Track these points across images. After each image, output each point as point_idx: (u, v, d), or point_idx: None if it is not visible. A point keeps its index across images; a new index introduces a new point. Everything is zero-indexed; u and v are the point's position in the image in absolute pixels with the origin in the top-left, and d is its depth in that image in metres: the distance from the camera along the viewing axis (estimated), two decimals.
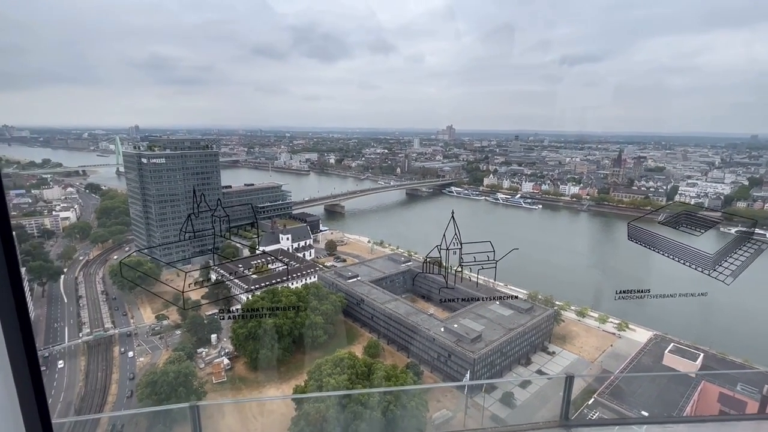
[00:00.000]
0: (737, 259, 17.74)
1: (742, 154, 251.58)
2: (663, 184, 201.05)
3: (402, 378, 58.54)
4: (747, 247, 18.33)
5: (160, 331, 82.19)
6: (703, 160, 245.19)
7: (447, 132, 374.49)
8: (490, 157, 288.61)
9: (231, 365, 72.00)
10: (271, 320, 71.59)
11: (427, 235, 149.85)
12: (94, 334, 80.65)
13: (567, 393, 8.20)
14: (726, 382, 57.73)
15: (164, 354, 74.85)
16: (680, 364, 62.34)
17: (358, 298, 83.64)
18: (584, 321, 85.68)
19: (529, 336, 74.34)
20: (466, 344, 66.55)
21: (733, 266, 17.34)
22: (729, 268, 17.28)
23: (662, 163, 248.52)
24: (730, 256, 17.86)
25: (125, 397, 66.51)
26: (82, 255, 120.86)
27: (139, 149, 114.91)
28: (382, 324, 79.03)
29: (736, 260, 17.70)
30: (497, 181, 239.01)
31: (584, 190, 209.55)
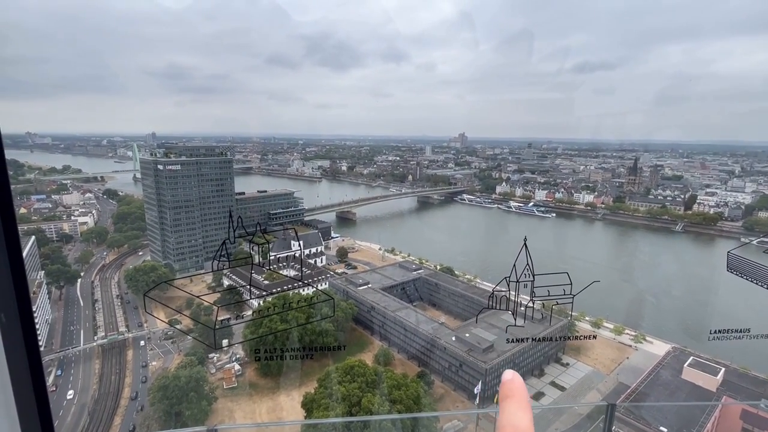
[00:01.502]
0: None
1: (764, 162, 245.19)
2: (681, 193, 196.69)
3: (412, 387, 57.86)
4: None
5: (172, 336, 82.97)
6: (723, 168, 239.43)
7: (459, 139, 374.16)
8: (503, 165, 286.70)
9: (242, 371, 72.16)
10: (282, 326, 71.68)
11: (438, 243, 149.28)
12: (109, 338, 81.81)
13: (608, 422, 7.24)
14: (749, 398, 55.68)
15: (176, 358, 75.46)
16: (700, 378, 60.41)
17: (368, 305, 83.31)
18: (599, 332, 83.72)
19: (543, 347, 72.97)
20: (477, 354, 65.58)
21: None
22: None
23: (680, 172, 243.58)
24: None
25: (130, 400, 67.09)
26: (98, 259, 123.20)
27: (155, 156, 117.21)
28: (393, 332, 78.47)
29: None
30: (510, 189, 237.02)
31: (599, 198, 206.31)
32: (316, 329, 73.68)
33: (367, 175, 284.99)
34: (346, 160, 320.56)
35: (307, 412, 58.09)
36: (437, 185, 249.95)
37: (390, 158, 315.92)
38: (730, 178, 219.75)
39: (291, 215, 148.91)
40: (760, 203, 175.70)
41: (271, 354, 70.70)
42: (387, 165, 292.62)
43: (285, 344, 71.27)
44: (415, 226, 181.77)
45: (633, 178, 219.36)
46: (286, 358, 70.67)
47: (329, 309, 77.82)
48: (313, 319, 75.09)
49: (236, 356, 75.61)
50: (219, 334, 78.91)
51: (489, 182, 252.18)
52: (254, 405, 65.75)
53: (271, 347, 71.37)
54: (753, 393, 59.36)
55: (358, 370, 59.51)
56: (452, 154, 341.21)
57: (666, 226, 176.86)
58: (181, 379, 60.76)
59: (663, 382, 61.80)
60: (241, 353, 76.08)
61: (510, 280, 23.24)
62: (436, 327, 74.51)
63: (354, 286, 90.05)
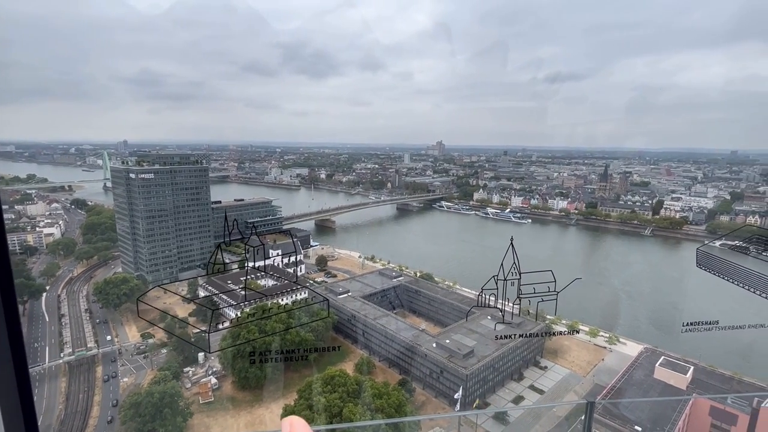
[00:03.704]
0: None
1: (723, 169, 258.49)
2: (648, 198, 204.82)
3: (394, 396, 57.61)
4: None
5: (145, 350, 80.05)
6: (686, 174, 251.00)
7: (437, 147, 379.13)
8: (480, 172, 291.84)
9: (219, 384, 70.20)
10: (260, 337, 70.31)
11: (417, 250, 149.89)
12: (76, 354, 78.19)
13: (588, 422, 7.32)
14: (717, 395, 57.96)
15: (149, 374, 72.76)
16: (671, 377, 62.56)
17: (348, 314, 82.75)
18: (576, 335, 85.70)
19: (522, 351, 74.08)
20: (458, 360, 65.97)
21: None
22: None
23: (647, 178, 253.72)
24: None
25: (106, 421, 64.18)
26: (65, 272, 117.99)
27: (127, 164, 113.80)
28: (374, 340, 78.11)
29: None
30: (487, 196, 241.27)
31: (572, 204, 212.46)
32: (295, 339, 72.58)
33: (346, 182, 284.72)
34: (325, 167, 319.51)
35: None
36: (416, 193, 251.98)
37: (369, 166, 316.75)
38: (693, 184, 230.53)
39: (269, 224, 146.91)
40: (721, 208, 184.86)
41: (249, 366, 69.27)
42: (366, 173, 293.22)
43: (264, 355, 69.94)
44: (394, 234, 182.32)
45: (604, 185, 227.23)
46: (265, 370, 69.20)
47: (308, 318, 76.92)
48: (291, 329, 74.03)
49: (213, 369, 73.54)
50: (195, 347, 76.70)
51: (467, 189, 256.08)
52: (232, 420, 63.94)
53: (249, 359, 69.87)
54: (720, 389, 61.89)
55: (338, 379, 58.89)
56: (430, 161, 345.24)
57: (636, 230, 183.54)
58: (154, 395, 58.58)
59: (636, 382, 63.70)
60: (217, 366, 74.04)
61: (498, 279, 24.00)
62: (416, 334, 74.63)
63: (334, 294, 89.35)
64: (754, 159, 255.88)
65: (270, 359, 70.43)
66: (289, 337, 72.26)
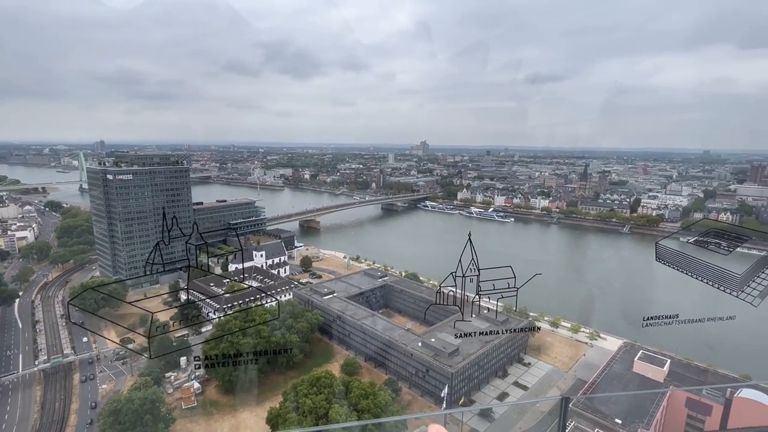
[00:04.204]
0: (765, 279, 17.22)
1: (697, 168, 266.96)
2: (626, 197, 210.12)
3: (380, 396, 57.61)
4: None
5: (125, 356, 78.05)
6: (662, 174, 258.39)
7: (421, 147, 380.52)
8: (463, 172, 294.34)
9: (202, 389, 68.97)
10: (244, 340, 69.40)
11: (402, 249, 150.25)
12: (52, 361, 75.72)
13: (563, 417, 7.46)
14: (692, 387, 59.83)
15: (129, 380, 71.00)
16: (649, 370, 64.27)
17: (334, 314, 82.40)
18: (558, 331, 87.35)
19: (506, 348, 75.05)
20: (443, 358, 66.40)
21: (761, 286, 16.90)
22: (757, 289, 16.86)
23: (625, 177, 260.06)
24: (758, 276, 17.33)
25: (85, 427, 62.33)
26: (40, 277, 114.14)
27: (104, 165, 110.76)
28: (359, 341, 77.97)
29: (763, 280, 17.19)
30: (470, 195, 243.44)
31: (553, 203, 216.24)
32: (280, 341, 71.89)
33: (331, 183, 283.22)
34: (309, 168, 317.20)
35: (272, 428, 56.36)
36: (400, 192, 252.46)
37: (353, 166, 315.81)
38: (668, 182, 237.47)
39: (252, 225, 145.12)
40: (695, 205, 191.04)
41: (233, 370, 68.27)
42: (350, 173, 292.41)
43: (247, 358, 68.96)
44: (379, 234, 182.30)
45: (584, 184, 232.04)
46: (249, 373, 68.34)
47: (293, 320, 76.25)
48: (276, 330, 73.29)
49: (195, 374, 72.23)
50: (177, 352, 75.15)
51: (450, 189, 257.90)
52: (215, 424, 62.91)
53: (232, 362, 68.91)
54: (696, 381, 63.93)
55: (324, 381, 58.56)
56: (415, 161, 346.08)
57: (615, 228, 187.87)
58: (134, 401, 57.16)
59: (616, 376, 65.24)
60: (200, 371, 72.70)
61: (456, 275, 24.25)
62: (402, 333, 74.79)
63: (319, 295, 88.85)
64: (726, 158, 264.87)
65: (255, 362, 69.48)
66: (274, 339, 71.55)
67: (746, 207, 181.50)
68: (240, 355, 67.94)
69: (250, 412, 64.94)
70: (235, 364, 68.55)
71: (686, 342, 72.30)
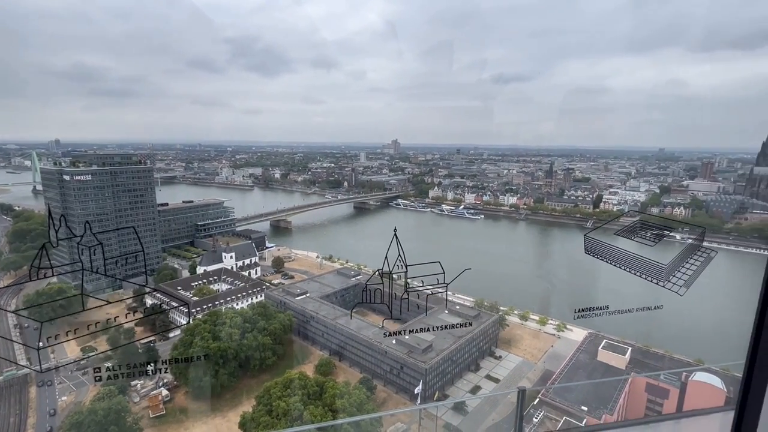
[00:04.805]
0: (689, 268, 17.95)
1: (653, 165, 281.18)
2: (589, 193, 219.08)
3: (355, 395, 57.71)
4: (697, 256, 18.75)
5: (86, 366, 74.44)
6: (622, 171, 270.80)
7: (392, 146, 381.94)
8: (434, 170, 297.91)
9: (171, 396, 66.79)
10: (214, 344, 67.75)
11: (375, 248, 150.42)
12: (5, 375, 71.22)
13: (520, 407, 7.79)
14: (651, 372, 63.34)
15: (92, 390, 67.81)
16: (612, 358, 67.54)
17: (307, 315, 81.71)
18: (527, 324, 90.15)
19: (478, 342, 76.78)
20: (417, 355, 67.23)
21: (685, 276, 17.57)
22: (682, 279, 17.50)
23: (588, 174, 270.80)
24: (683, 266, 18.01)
25: None
26: None
27: (60, 165, 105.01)
28: (334, 340, 77.72)
29: (688, 270, 17.83)
30: (442, 193, 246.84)
31: (521, 200, 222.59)
32: (252, 344, 70.64)
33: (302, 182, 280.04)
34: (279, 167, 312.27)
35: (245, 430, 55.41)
36: (373, 191, 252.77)
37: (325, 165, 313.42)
38: (627, 179, 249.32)
39: (221, 226, 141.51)
40: (652, 200, 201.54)
41: (203, 375, 66.56)
42: (322, 172, 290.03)
43: (218, 362, 67.37)
44: (352, 233, 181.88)
45: (549, 181, 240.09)
46: (221, 378, 66.74)
47: (265, 322, 75.10)
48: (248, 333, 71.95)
49: (164, 381, 69.85)
50: (143, 359, 72.41)
51: (422, 187, 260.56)
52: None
53: (203, 367, 67.14)
54: (654, 367, 67.71)
55: (298, 382, 58.09)
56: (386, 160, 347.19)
57: (579, 223, 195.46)
58: (98, 412, 54.73)
59: (582, 365, 68.13)
60: (169, 377, 70.42)
61: (382, 272, 24.48)
62: (376, 331, 75.09)
63: (292, 296, 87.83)
64: (679, 156, 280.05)
65: (226, 365, 67.90)
66: (246, 342, 70.22)
67: (697, 201, 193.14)
68: (210, 359, 66.34)
69: (223, 417, 63.54)
70: (206, 369, 66.88)
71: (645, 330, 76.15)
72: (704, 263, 17.93)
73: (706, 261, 18.08)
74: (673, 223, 22.66)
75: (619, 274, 18.55)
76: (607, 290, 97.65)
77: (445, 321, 77.41)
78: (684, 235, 24.45)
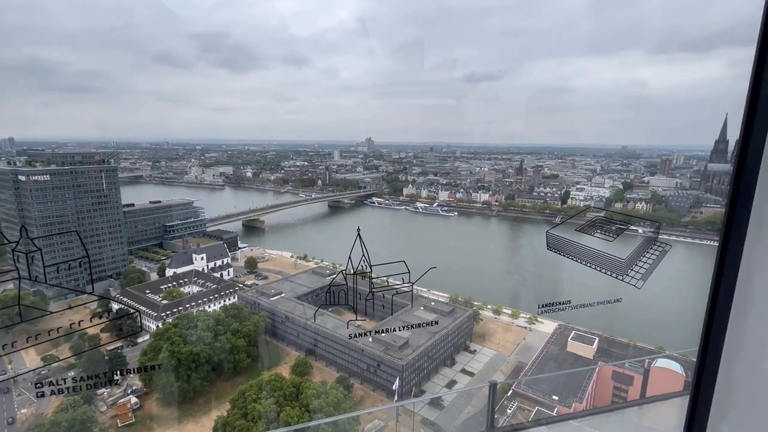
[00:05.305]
0: (646, 261, 18.61)
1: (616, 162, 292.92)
2: (557, 189, 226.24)
3: (332, 394, 57.58)
4: (654, 249, 19.56)
5: (48, 376, 70.81)
6: (587, 168, 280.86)
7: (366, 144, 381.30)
8: (408, 168, 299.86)
9: (140, 404, 64.54)
10: (185, 348, 65.92)
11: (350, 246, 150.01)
12: None
13: (491, 401, 8.01)
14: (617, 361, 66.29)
15: (54, 401, 64.58)
16: (581, 349, 70.20)
17: (282, 316, 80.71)
18: (500, 318, 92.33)
19: (453, 337, 78.06)
20: (394, 352, 67.69)
21: (642, 269, 18.20)
22: (639, 272, 18.09)
23: (556, 171, 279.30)
24: (640, 260, 18.65)
25: None
26: None
27: (14, 165, 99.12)
28: (310, 340, 77.15)
29: (645, 263, 18.47)
30: (416, 191, 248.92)
31: (493, 197, 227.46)
32: (225, 346, 69.21)
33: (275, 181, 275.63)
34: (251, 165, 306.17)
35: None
36: (347, 189, 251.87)
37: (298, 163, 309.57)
38: (593, 175, 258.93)
39: (191, 227, 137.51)
40: (616, 196, 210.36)
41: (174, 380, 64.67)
42: (295, 170, 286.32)
43: (190, 367, 65.63)
44: (327, 231, 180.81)
45: (520, 178, 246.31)
46: (193, 382, 65.03)
47: (239, 324, 73.73)
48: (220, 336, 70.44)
49: (132, 388, 67.40)
50: (109, 366, 69.60)
51: (396, 185, 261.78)
52: None
53: (174, 372, 65.21)
54: (620, 355, 70.89)
55: (274, 384, 57.40)
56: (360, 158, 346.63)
57: (548, 218, 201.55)
58: (61, 424, 52.31)
59: (552, 356, 70.50)
60: (138, 384, 68.01)
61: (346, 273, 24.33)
62: (352, 330, 75.05)
63: (266, 297, 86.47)
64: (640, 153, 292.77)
65: (198, 369, 66.19)
66: (219, 345, 68.72)
67: (657, 197, 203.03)
68: (182, 363, 64.58)
69: (196, 422, 61.99)
70: (177, 374, 64.99)
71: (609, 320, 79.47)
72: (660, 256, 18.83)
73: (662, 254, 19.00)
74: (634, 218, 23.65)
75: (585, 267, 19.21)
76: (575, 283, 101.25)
77: (421, 317, 78.28)
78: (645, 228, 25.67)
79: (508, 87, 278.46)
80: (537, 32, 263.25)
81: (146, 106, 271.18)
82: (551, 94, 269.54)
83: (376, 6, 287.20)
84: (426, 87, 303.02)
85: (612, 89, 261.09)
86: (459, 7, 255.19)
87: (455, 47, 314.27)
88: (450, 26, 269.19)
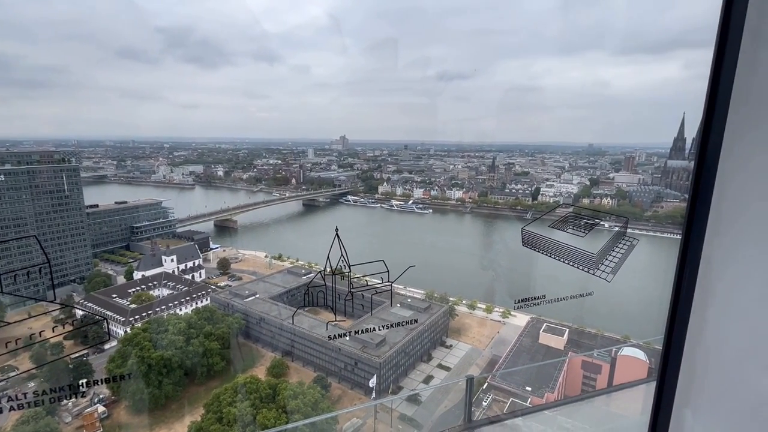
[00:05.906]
0: (615, 255, 18.94)
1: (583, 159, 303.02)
2: (528, 186, 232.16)
3: (309, 394, 57.17)
4: (622, 243, 20.09)
5: (6, 387, 66.99)
6: (556, 165, 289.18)
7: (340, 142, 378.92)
8: (383, 166, 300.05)
9: (108, 412, 62.06)
10: (156, 353, 63.84)
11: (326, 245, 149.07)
12: None
13: (468, 395, 8.18)
14: (586, 351, 68.83)
15: (14, 414, 61.18)
16: (552, 340, 72.48)
17: (257, 317, 79.37)
18: (475, 313, 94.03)
19: (429, 333, 78.94)
20: (371, 350, 67.84)
21: (612, 263, 18.59)
22: (609, 266, 18.50)
23: (527, 168, 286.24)
24: (610, 254, 18.99)
25: None
26: None
27: None
28: (286, 341, 76.25)
29: (614, 257, 18.81)
30: (391, 189, 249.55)
31: (467, 194, 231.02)
32: (197, 350, 67.48)
33: (247, 179, 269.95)
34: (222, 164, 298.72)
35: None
36: (321, 188, 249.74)
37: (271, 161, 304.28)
38: (562, 172, 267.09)
39: (160, 227, 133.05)
40: (583, 192, 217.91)
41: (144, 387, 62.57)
42: (268, 168, 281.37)
43: (161, 372, 63.62)
44: (302, 230, 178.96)
45: (492, 175, 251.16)
46: (165, 388, 63.09)
47: (212, 326, 72.04)
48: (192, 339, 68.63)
49: (99, 396, 64.70)
50: (74, 375, 66.54)
51: (371, 183, 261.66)
52: None
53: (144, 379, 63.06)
54: (588, 345, 73.63)
55: (249, 386, 56.45)
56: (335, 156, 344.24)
57: (520, 214, 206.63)
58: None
59: (525, 348, 72.49)
60: (105, 392, 65.34)
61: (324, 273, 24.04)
62: (329, 329, 74.66)
63: (240, 298, 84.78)
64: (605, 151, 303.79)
65: (170, 375, 64.24)
66: (191, 349, 66.93)
67: (622, 192, 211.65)
68: (152, 369, 62.54)
69: (168, 429, 60.23)
70: (147, 380, 62.88)
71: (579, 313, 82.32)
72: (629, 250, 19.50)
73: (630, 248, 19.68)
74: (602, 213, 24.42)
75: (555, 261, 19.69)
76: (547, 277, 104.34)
77: (398, 315, 78.70)
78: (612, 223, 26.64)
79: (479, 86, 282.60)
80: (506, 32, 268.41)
81: (109, 103, 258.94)
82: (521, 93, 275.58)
83: (348, 4, 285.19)
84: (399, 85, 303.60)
85: (578, 89, 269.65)
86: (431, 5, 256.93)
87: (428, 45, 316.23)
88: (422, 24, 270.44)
